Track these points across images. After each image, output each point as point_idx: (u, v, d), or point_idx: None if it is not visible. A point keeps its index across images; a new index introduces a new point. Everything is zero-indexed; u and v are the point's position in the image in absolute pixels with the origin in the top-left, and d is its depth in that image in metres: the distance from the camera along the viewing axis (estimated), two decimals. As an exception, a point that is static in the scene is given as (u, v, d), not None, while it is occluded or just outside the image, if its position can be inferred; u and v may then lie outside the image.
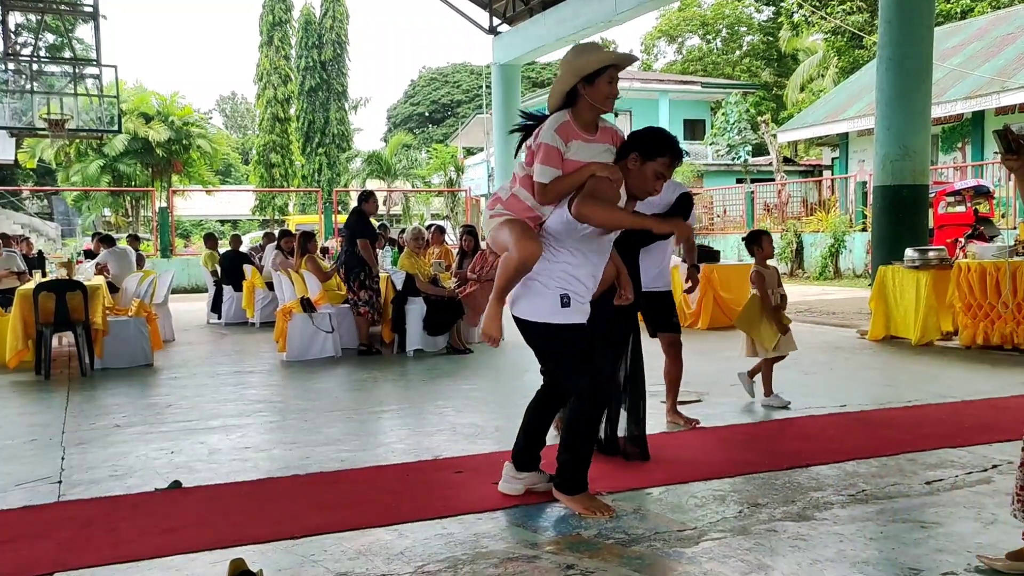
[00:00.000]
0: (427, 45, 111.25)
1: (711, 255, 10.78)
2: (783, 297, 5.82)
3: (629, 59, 3.65)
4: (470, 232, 10.15)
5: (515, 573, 3.00)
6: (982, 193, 14.79)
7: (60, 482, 4.25)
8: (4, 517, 3.74)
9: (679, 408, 5.40)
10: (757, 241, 5.79)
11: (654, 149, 3.54)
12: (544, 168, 3.44)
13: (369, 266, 8.60)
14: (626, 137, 3.66)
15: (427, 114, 56.55)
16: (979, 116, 19.65)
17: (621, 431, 4.49)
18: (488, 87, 24.41)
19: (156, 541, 3.37)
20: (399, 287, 8.75)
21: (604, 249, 3.61)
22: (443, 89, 56.33)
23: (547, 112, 3.66)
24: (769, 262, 5.87)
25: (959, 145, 20.88)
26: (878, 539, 3.28)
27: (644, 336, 4.74)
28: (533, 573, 3.01)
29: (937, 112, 16.41)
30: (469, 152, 39.79)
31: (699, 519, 3.52)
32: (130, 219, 33.53)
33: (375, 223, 9.62)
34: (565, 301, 3.49)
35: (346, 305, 8.81)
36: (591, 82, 3.47)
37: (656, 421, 5.31)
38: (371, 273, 8.63)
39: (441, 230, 11.29)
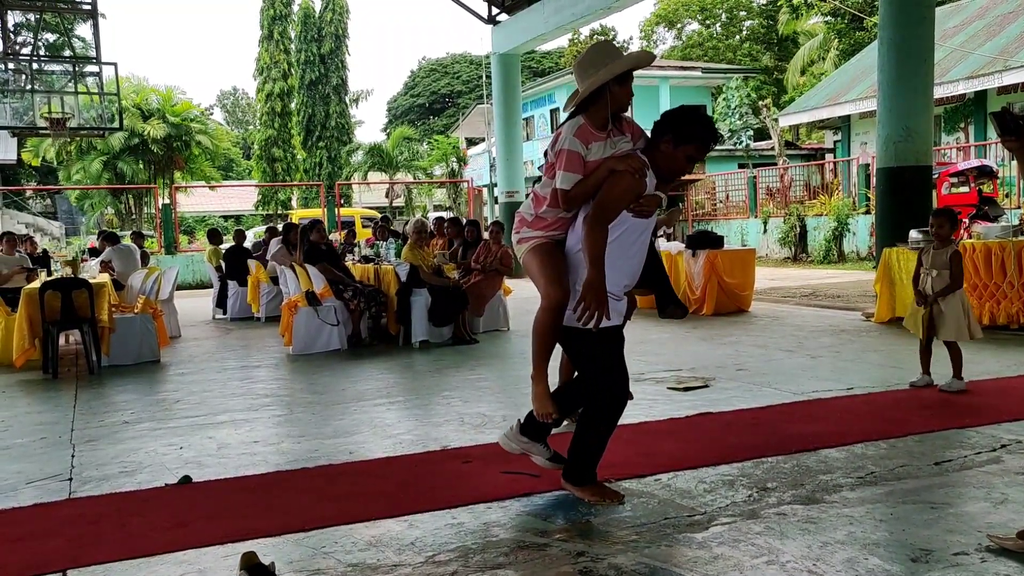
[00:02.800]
0: (426, 36, 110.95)
1: (715, 241, 10.76)
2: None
3: (652, 57, 3.71)
4: (472, 223, 10.15)
5: (526, 561, 3.01)
6: (986, 173, 14.72)
7: (71, 479, 4.27)
8: (16, 515, 3.76)
9: None
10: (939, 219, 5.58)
11: (688, 134, 3.44)
12: (566, 175, 3.43)
13: (339, 282, 8.82)
14: (661, 115, 3.57)
15: (427, 105, 56.44)
16: (981, 96, 19.53)
17: None
18: (488, 77, 24.35)
19: (167, 536, 3.38)
20: (403, 279, 8.76)
21: (642, 244, 3.57)
22: (443, 80, 56.20)
23: (561, 108, 3.66)
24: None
25: (962, 125, 20.78)
26: (888, 521, 3.28)
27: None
28: (544, 561, 3.01)
29: (939, 92, 16.31)
30: (471, 142, 39.73)
31: (708, 504, 3.53)
32: (134, 216, 33.54)
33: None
34: None
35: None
36: (623, 82, 3.46)
37: (662, 408, 5.32)
38: (344, 286, 8.82)
39: (456, 222, 11.15)
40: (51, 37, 31.94)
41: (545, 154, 3.71)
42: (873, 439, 4.39)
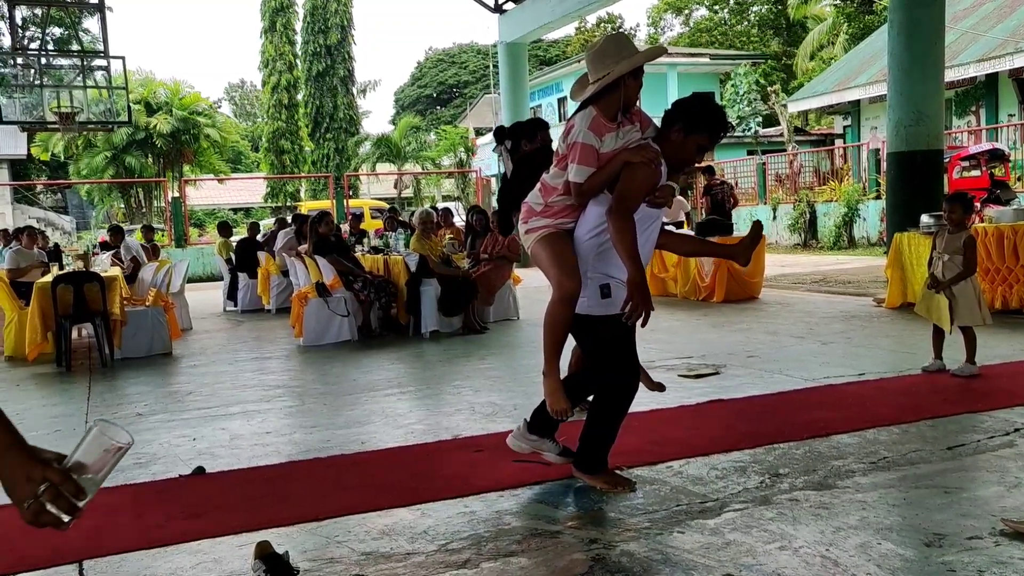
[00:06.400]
0: (432, 26, 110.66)
1: (724, 228, 10.72)
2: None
3: (665, 50, 3.76)
4: (479, 212, 10.14)
5: (538, 549, 3.02)
6: (997, 157, 14.60)
7: (85, 471, 4.29)
8: (32, 507, 3.78)
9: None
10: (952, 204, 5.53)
11: (698, 123, 3.44)
12: (580, 168, 3.42)
13: (349, 274, 8.83)
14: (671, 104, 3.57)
15: (435, 96, 56.34)
16: (992, 79, 19.33)
17: None
18: (495, 66, 24.28)
19: (181, 527, 3.40)
20: (413, 269, 8.76)
21: (651, 233, 3.56)
22: (450, 70, 56.07)
23: (571, 99, 3.65)
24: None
25: (973, 109, 20.61)
26: (901, 505, 3.27)
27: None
28: (556, 549, 3.02)
29: (950, 76, 16.17)
30: (478, 132, 39.67)
31: (720, 490, 3.52)
32: (144, 210, 33.65)
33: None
34: (605, 291, 3.46)
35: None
36: (637, 76, 3.46)
37: (674, 395, 5.31)
38: (354, 278, 8.83)
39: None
40: (58, 31, 32.01)
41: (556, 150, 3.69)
42: (885, 424, 4.38)
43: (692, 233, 10.94)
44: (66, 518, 1.39)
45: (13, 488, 1.39)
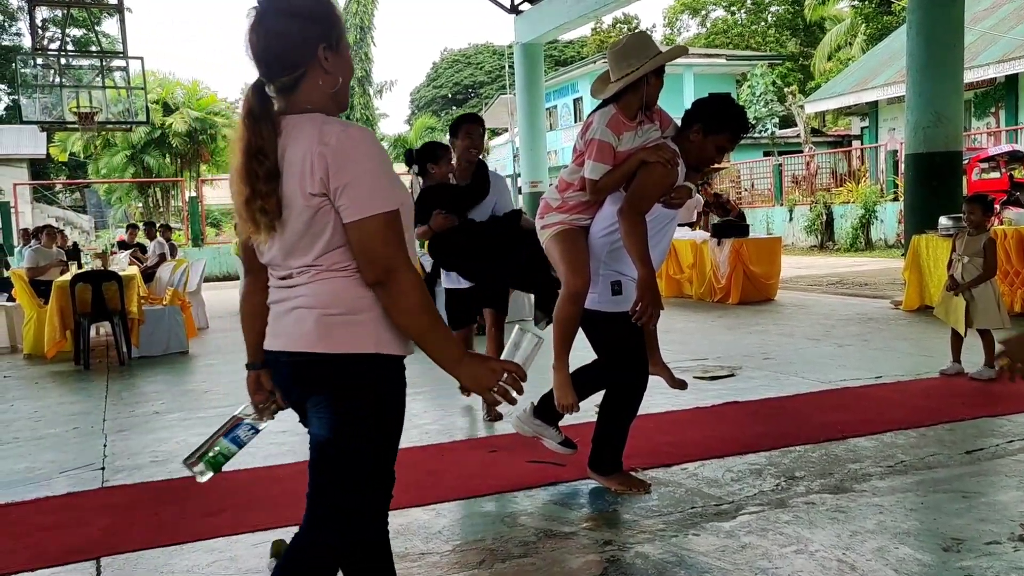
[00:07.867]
0: (449, 26, 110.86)
1: (740, 229, 10.68)
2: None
3: (687, 50, 4.11)
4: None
5: (552, 550, 3.02)
6: (1017, 158, 14.48)
7: (103, 469, 4.33)
8: (50, 503, 3.82)
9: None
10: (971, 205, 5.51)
11: (718, 123, 3.43)
12: (596, 165, 3.42)
13: None
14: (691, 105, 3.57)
15: (450, 96, 56.40)
16: (1012, 80, 19.20)
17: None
18: (511, 67, 24.29)
19: (198, 525, 3.42)
20: (428, 270, 8.77)
21: (665, 234, 3.56)
22: (466, 71, 56.11)
23: (586, 97, 3.65)
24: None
25: (992, 110, 20.44)
26: (919, 510, 3.25)
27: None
28: (570, 549, 3.02)
29: (969, 77, 16.04)
30: (494, 133, 39.68)
31: (736, 493, 3.51)
32: (161, 209, 33.86)
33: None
34: (616, 288, 3.45)
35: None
36: (659, 75, 3.47)
37: (689, 397, 5.28)
38: None
39: None
40: (78, 32, 32.28)
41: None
42: (903, 428, 4.35)
43: (708, 234, 10.90)
44: (518, 396, 1.92)
45: (479, 379, 1.89)
